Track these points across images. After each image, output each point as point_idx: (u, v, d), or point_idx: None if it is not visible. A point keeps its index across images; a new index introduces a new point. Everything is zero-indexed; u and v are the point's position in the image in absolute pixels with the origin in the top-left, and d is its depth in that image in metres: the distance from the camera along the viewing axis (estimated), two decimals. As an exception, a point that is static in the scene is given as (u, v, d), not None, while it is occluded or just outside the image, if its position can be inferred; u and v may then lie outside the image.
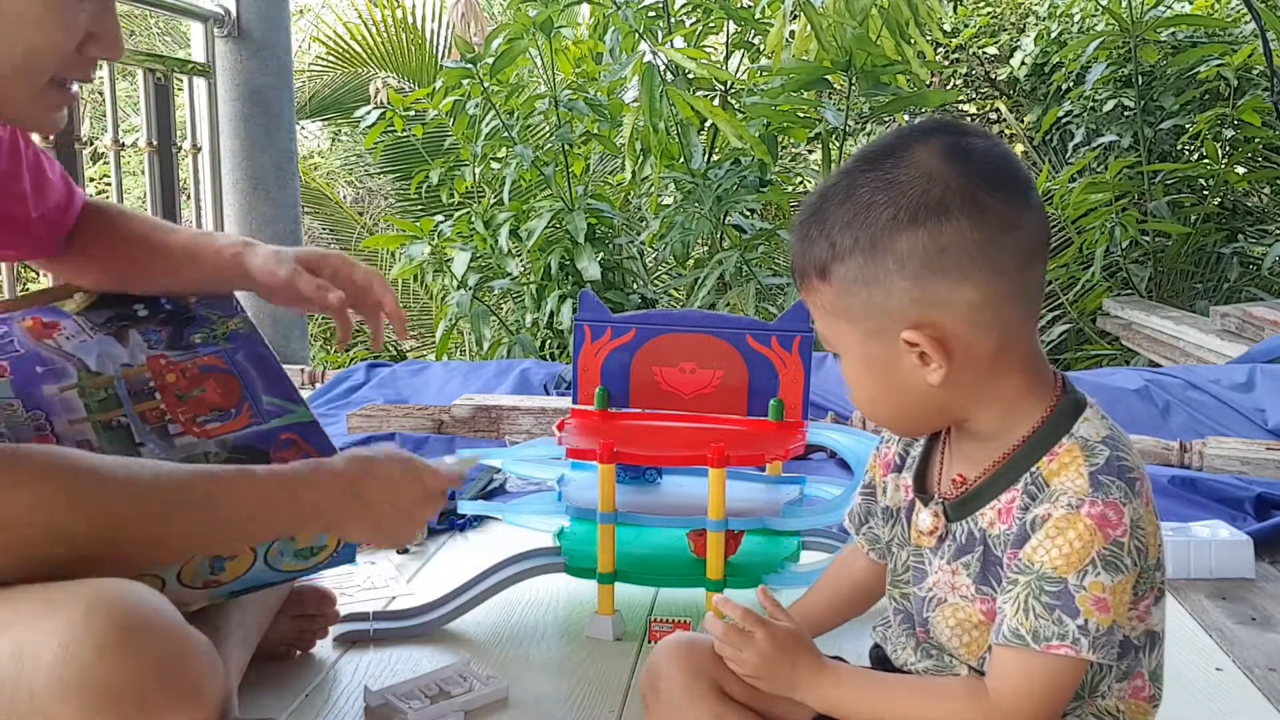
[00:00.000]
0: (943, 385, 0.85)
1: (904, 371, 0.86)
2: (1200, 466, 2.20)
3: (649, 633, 1.47)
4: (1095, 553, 0.81)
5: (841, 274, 0.85)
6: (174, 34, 7.34)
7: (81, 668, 0.79)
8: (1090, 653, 0.81)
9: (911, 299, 0.84)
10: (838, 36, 3.62)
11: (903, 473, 0.99)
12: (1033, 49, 5.90)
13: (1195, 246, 4.91)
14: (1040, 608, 0.82)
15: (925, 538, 0.94)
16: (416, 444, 2.35)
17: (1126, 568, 0.82)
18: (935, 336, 0.84)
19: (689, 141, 3.74)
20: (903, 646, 0.97)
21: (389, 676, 1.36)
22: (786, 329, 1.58)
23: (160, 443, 1.15)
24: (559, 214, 3.82)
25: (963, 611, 0.90)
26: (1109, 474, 0.83)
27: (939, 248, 0.82)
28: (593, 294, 1.64)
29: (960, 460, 0.93)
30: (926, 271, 0.83)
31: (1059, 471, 0.85)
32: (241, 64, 3.45)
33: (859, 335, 0.87)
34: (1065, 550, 0.82)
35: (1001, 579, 0.87)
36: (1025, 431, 0.88)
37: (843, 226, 0.85)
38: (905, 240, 0.83)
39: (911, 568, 0.96)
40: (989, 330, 0.85)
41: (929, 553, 0.94)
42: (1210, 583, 1.69)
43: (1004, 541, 0.87)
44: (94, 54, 0.96)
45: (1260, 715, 1.30)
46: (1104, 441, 0.85)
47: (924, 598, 0.94)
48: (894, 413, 0.91)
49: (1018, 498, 0.87)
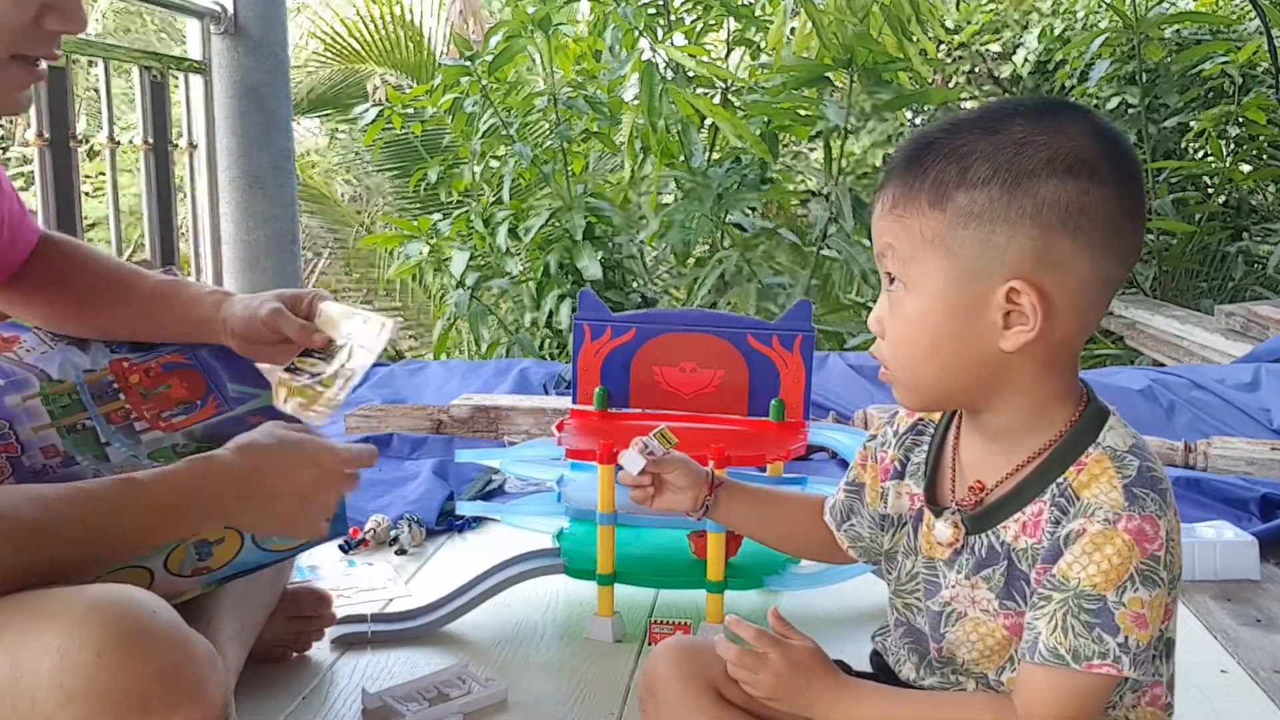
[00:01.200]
0: (1014, 353, 0.82)
1: (979, 326, 0.82)
2: (1205, 467, 2.18)
3: (649, 634, 1.46)
4: (1134, 568, 0.79)
5: (964, 204, 0.80)
6: (170, 31, 7.33)
7: (81, 673, 0.79)
8: (1132, 670, 0.79)
9: (1034, 249, 0.80)
10: (839, 33, 3.60)
11: (905, 479, 0.96)
12: (1036, 46, 5.89)
13: (1200, 245, 4.89)
14: (1080, 626, 0.79)
15: (941, 549, 0.90)
16: (415, 444, 2.33)
17: (1164, 581, 0.80)
18: (1041, 293, 0.80)
19: (689, 140, 3.73)
20: (904, 660, 0.95)
21: (386, 679, 1.35)
22: (788, 328, 1.56)
23: (127, 440, 1.15)
24: (558, 212, 3.81)
25: (985, 627, 0.88)
26: (1143, 486, 0.81)
27: (1081, 207, 0.80)
28: (592, 293, 1.63)
29: (977, 466, 0.90)
30: (1062, 227, 0.80)
31: (1089, 484, 0.82)
32: (238, 61, 3.43)
33: (953, 273, 0.81)
34: (1104, 567, 0.79)
35: (1028, 594, 0.84)
36: (1050, 436, 0.85)
37: (983, 157, 0.80)
38: (1054, 187, 0.79)
39: (923, 580, 0.93)
40: (1081, 312, 0.83)
41: (942, 565, 0.91)
42: (1215, 584, 1.68)
43: (1032, 556, 0.84)
44: (53, 27, 0.93)
45: (1265, 717, 1.29)
46: (1132, 451, 0.83)
47: (940, 612, 0.91)
48: (936, 372, 0.85)
49: (1045, 510, 0.84)
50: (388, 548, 1.80)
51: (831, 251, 3.83)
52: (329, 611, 1.41)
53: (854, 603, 1.57)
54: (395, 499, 1.96)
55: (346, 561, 1.74)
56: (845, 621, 1.52)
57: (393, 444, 2.32)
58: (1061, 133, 0.81)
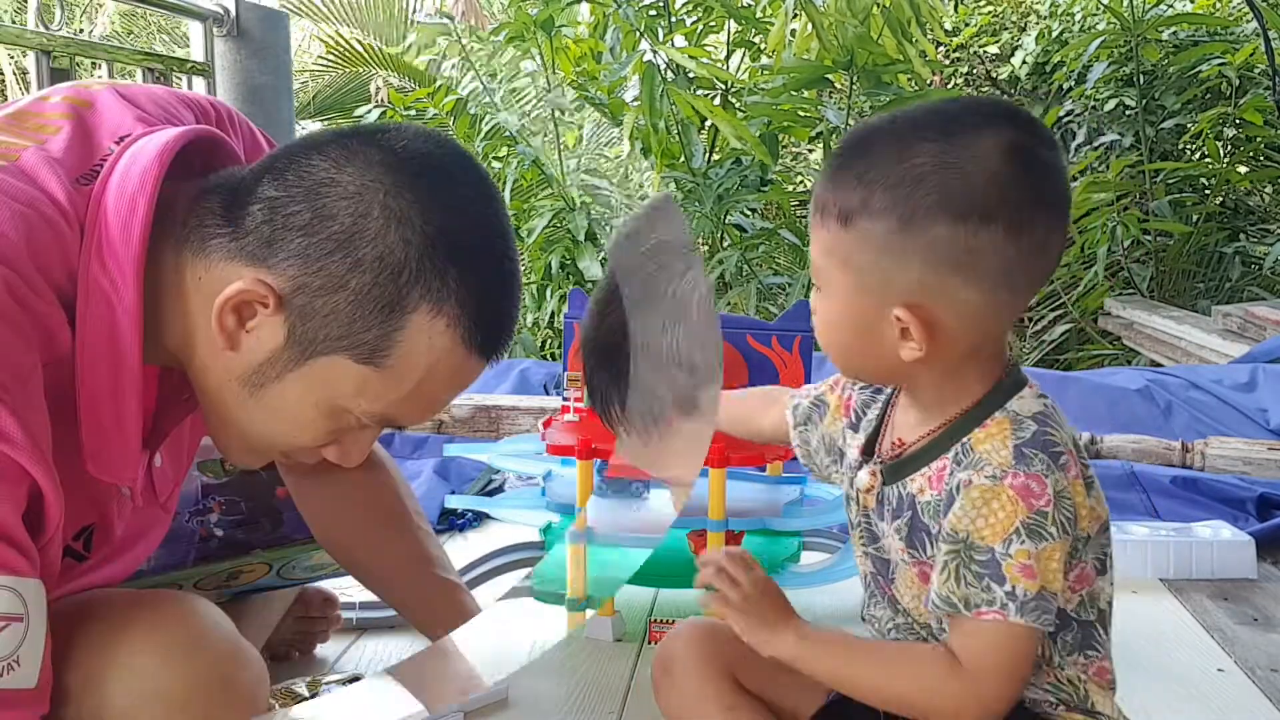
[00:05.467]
0: (912, 363, 0.87)
1: (879, 336, 0.87)
2: (1202, 467, 2.19)
3: (649, 633, 1.47)
4: (1020, 522, 0.83)
5: (865, 229, 0.84)
6: (172, 34, 7.34)
7: (148, 679, 0.84)
8: (1019, 616, 0.83)
9: (921, 282, 0.83)
10: (839, 35, 3.61)
11: (858, 432, 1.00)
12: (1034, 48, 5.90)
13: (1197, 246, 4.90)
14: (971, 576, 0.85)
15: (866, 495, 0.96)
16: (416, 444, 2.34)
17: (1052, 536, 0.83)
18: (926, 321, 0.84)
19: (690, 141, 3.74)
20: (876, 603, 0.99)
21: (388, 677, 1.35)
22: (787, 329, 1.57)
23: None
24: (560, 213, 3.82)
25: (909, 574, 0.93)
26: (1033, 447, 0.85)
27: (969, 249, 0.82)
28: (583, 291, 1.64)
29: (903, 427, 0.95)
30: (947, 266, 0.83)
31: (985, 440, 0.87)
32: (241, 63, 3.44)
33: (854, 288, 0.86)
34: (991, 520, 0.84)
35: (928, 545, 0.90)
36: (966, 404, 0.90)
37: (885, 187, 0.83)
38: (942, 229, 0.82)
39: (864, 529, 0.98)
40: (976, 330, 0.86)
41: (874, 514, 0.96)
42: (1212, 583, 1.69)
43: (932, 508, 0.90)
44: (330, 458, 0.94)
45: (1262, 716, 1.29)
46: (1034, 417, 0.87)
47: (885, 560, 0.96)
48: (857, 363, 0.93)
49: (948, 465, 0.89)
50: (390, 547, 1.80)
51: (831, 252, 3.84)
52: (336, 612, 1.42)
53: (853, 601, 1.57)
54: (397, 499, 1.97)
55: (349, 561, 1.74)
56: (845, 620, 1.53)
57: (394, 444, 2.33)
58: (962, 165, 0.81)
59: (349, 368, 0.85)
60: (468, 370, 0.90)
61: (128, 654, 0.84)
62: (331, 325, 0.83)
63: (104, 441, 0.84)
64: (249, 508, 1.21)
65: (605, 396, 0.99)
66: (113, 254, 0.81)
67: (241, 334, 0.84)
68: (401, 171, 0.84)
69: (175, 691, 0.84)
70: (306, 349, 0.84)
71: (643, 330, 0.96)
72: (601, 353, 0.99)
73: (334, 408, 0.87)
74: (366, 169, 0.83)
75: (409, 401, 0.88)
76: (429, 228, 0.83)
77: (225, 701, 0.87)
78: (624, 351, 0.97)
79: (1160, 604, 1.62)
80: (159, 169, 0.84)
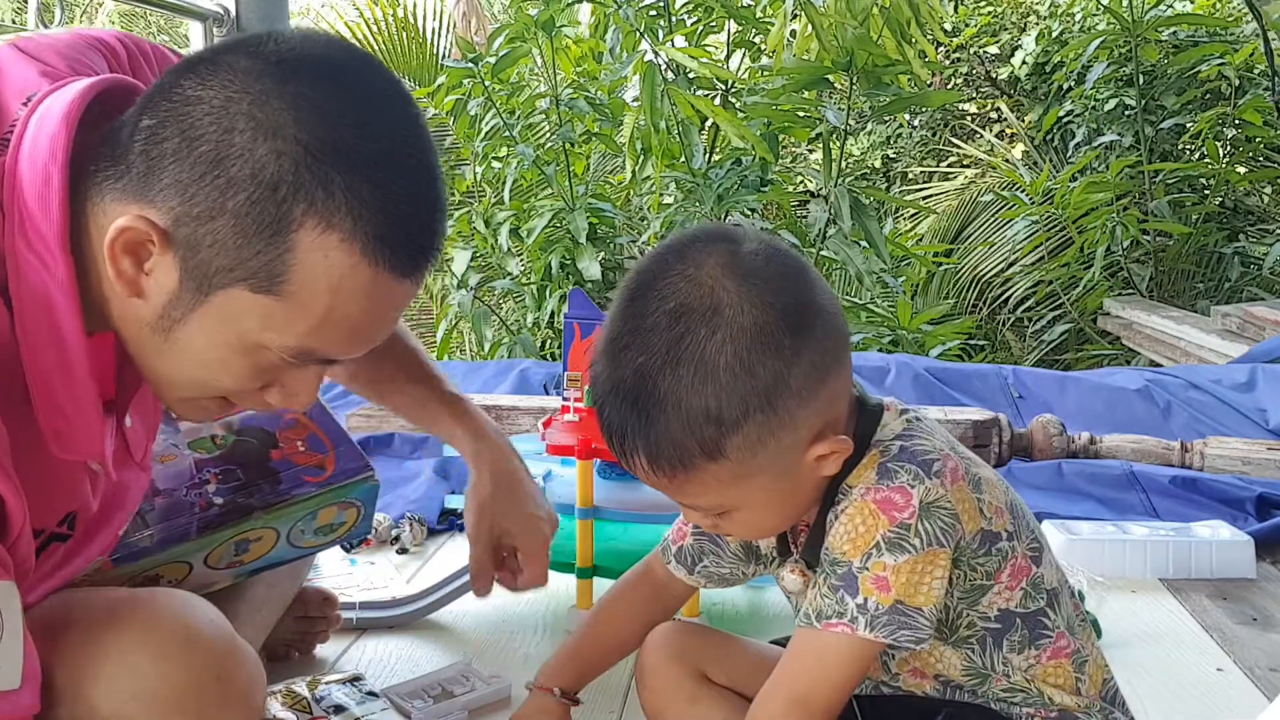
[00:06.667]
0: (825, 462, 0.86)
1: (803, 482, 0.87)
2: (1201, 466, 2.20)
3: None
4: (880, 535, 0.83)
5: (739, 443, 0.82)
6: (172, 34, 7.34)
7: (141, 677, 0.83)
8: (867, 631, 0.83)
9: (817, 414, 0.84)
10: (839, 36, 3.61)
11: None
12: (1034, 48, 5.91)
13: (1196, 246, 4.91)
14: (827, 589, 0.85)
15: (797, 597, 0.97)
16: (417, 444, 2.34)
17: (914, 548, 0.83)
18: (834, 432, 0.85)
19: (690, 141, 3.74)
20: None
21: (390, 677, 1.36)
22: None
23: (166, 429, 1.16)
24: (560, 213, 3.82)
25: None
26: (899, 460, 0.85)
27: (823, 351, 0.83)
28: (582, 291, 1.65)
29: None
30: (818, 382, 0.83)
31: (858, 476, 0.87)
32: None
33: (768, 483, 0.85)
34: (852, 535, 0.84)
35: None
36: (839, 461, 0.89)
37: (718, 397, 0.80)
38: (800, 368, 0.81)
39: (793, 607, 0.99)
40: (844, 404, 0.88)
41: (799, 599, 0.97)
42: (1211, 583, 1.69)
43: None
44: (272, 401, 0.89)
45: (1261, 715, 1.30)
46: (899, 436, 0.88)
47: None
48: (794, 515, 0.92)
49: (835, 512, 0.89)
50: (389, 546, 1.81)
51: (830, 252, 3.85)
52: (335, 612, 1.42)
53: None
54: (397, 498, 1.97)
55: (348, 560, 1.75)
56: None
57: (394, 444, 2.33)
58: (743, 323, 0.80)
59: (248, 299, 0.78)
60: (381, 289, 0.79)
61: (121, 652, 0.83)
62: (219, 255, 0.77)
63: (62, 421, 0.81)
64: (245, 474, 1.20)
65: None
66: (35, 229, 0.77)
67: (141, 278, 0.79)
68: (269, 78, 0.76)
69: (169, 690, 0.83)
70: (202, 284, 0.78)
71: None
72: None
73: (247, 344, 0.80)
74: (232, 79, 0.76)
75: (325, 331, 0.80)
76: (304, 135, 0.75)
77: (220, 700, 0.86)
78: None
79: (1160, 604, 1.62)
80: (67, 134, 0.78)
